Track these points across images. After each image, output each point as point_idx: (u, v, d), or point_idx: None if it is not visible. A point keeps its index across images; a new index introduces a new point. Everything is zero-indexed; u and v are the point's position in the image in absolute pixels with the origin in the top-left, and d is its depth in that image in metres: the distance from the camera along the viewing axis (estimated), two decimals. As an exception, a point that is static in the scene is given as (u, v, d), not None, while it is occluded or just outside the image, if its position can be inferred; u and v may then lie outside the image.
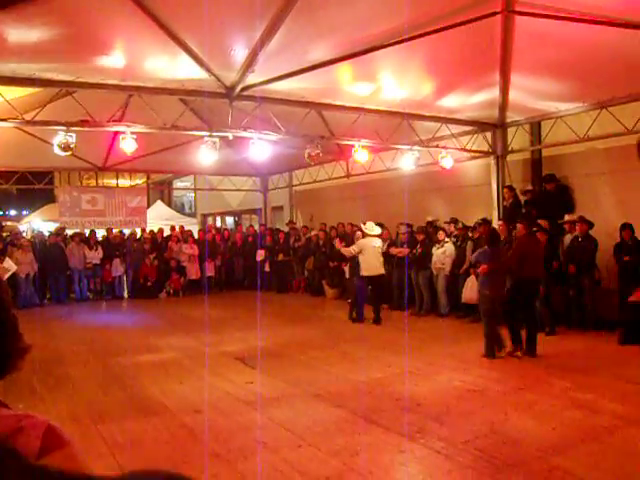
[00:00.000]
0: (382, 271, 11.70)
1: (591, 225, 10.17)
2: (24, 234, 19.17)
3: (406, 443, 5.16)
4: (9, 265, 9.29)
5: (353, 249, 11.61)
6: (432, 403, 6.37)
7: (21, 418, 0.82)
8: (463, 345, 9.37)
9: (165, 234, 18.82)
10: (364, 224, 11.96)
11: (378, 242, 11.71)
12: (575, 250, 10.25)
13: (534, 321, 8.82)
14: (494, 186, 12.48)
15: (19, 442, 0.79)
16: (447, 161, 12.63)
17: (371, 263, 11.49)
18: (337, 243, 12.87)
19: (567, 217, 10.78)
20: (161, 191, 29.82)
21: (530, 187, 12.08)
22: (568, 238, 10.66)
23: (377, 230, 11.78)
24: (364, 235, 11.64)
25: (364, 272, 11.49)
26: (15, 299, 14.78)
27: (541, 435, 5.30)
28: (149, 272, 17.18)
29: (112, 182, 22.09)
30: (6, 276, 9.44)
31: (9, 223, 25.25)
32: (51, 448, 0.81)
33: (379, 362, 8.39)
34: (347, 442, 5.21)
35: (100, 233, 18.04)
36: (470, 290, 11.20)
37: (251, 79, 9.48)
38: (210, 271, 17.96)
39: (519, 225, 9.13)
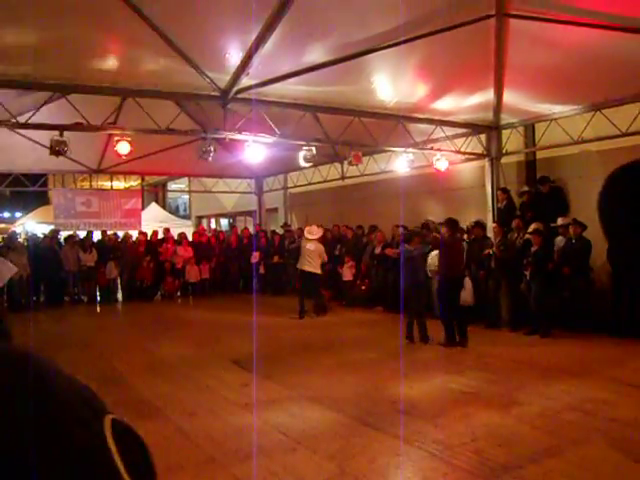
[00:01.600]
0: (310, 269, 12.85)
1: (584, 227, 10.20)
2: (19, 236, 19.08)
3: (402, 446, 5.16)
4: (8, 268, 9.18)
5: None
6: (427, 406, 6.38)
7: None
8: (458, 347, 9.37)
9: (159, 236, 18.77)
10: (304, 229, 13.71)
11: (312, 246, 12.91)
12: (569, 252, 10.27)
13: (461, 314, 9.68)
14: (488, 188, 12.50)
15: None
16: (442, 163, 12.66)
17: (302, 261, 12.95)
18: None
19: (560, 221, 10.82)
20: (155, 193, 29.75)
21: (526, 188, 12.11)
22: (560, 240, 10.69)
23: (314, 235, 13.08)
24: (305, 238, 13.21)
25: (298, 266, 13.18)
26: (9, 301, 14.74)
27: (536, 437, 5.30)
28: (145, 274, 17.14)
29: (106, 184, 22.04)
30: (6, 279, 9.35)
31: (2, 225, 25.14)
32: None
33: (374, 365, 8.39)
34: (343, 445, 5.21)
35: (95, 236, 17.99)
36: (465, 292, 11.22)
37: (246, 82, 9.49)
38: (205, 273, 17.93)
39: (443, 228, 9.98)
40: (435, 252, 12.22)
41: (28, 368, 0.56)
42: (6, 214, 40.33)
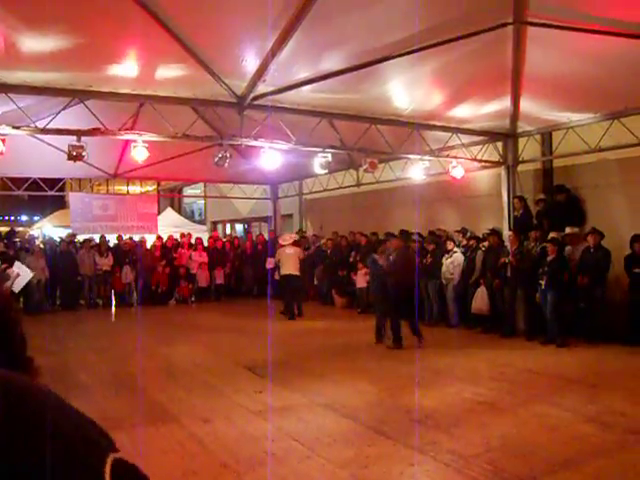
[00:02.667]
0: (294, 272, 13.88)
1: (602, 236, 10.12)
2: (37, 240, 19.24)
3: (416, 455, 5.13)
4: (24, 272, 9.21)
5: (277, 258, 14.44)
6: (442, 415, 6.34)
7: None
8: (473, 356, 9.33)
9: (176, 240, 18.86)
10: (280, 237, 15.38)
11: (291, 250, 13.99)
12: (588, 261, 10.17)
13: (414, 317, 10.25)
14: (504, 196, 12.43)
15: None
16: (457, 171, 12.61)
17: (285, 266, 13.94)
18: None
19: (568, 230, 10.75)
20: (171, 198, 29.91)
21: (542, 196, 12.04)
22: (568, 250, 10.61)
23: (288, 241, 14.35)
24: (281, 246, 14.35)
25: (282, 271, 14.15)
26: (26, 305, 14.87)
27: (551, 449, 5.25)
28: (161, 279, 17.24)
29: (123, 189, 22.19)
30: (23, 283, 9.38)
31: (21, 229, 25.38)
32: None
33: (389, 373, 8.36)
34: (356, 454, 5.19)
35: (111, 240, 18.12)
36: (480, 301, 11.18)
37: (262, 88, 9.51)
38: (219, 279, 17.98)
39: (394, 240, 10.92)
40: (449, 260, 12.23)
41: (28, 403, 0.56)
42: (24, 217, 40.76)
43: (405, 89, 10.39)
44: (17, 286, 9.02)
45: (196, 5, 7.29)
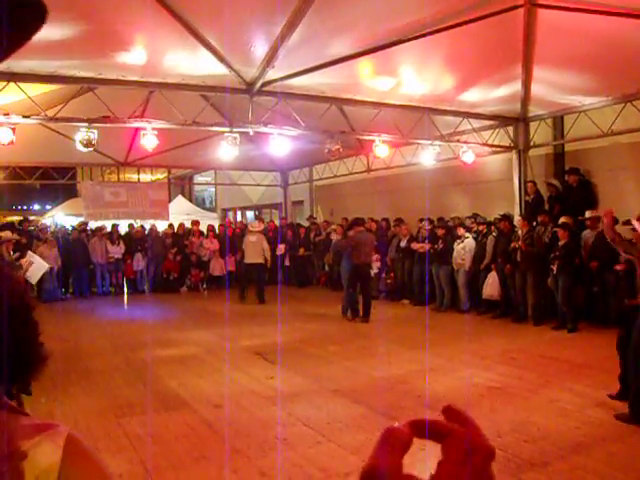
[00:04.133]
0: (258, 260, 14.30)
1: (616, 221, 10.01)
2: (49, 229, 19.36)
3: (427, 441, 5.12)
4: (39, 263, 9.21)
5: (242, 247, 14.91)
6: (453, 400, 6.29)
7: (42, 428, 0.82)
8: (484, 341, 9.32)
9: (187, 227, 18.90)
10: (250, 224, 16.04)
11: (254, 237, 14.42)
12: (599, 246, 10.09)
13: (368, 294, 11.68)
14: (516, 181, 12.35)
15: (40, 454, 0.78)
16: (468, 156, 12.54)
17: (248, 254, 14.42)
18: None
19: (588, 213, 10.64)
20: (182, 186, 29.95)
21: (554, 181, 11.95)
22: (587, 234, 10.53)
23: (256, 228, 14.97)
24: (249, 232, 14.94)
25: (245, 259, 14.64)
26: (39, 293, 14.99)
27: (563, 434, 5.24)
28: (172, 267, 17.30)
29: (133, 177, 22.25)
30: (39, 275, 9.41)
31: (33, 217, 25.52)
32: (72, 460, 0.81)
33: (399, 358, 8.37)
34: (367, 439, 5.20)
35: (122, 229, 18.20)
36: (491, 286, 11.15)
37: (271, 74, 9.48)
38: (230, 266, 18.01)
39: (355, 227, 11.90)
40: (461, 245, 12.19)
41: None
42: (36, 206, 41.00)
43: (415, 74, 10.31)
44: (33, 277, 9.06)
45: (204, -9, 7.26)
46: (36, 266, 9.04)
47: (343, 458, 4.81)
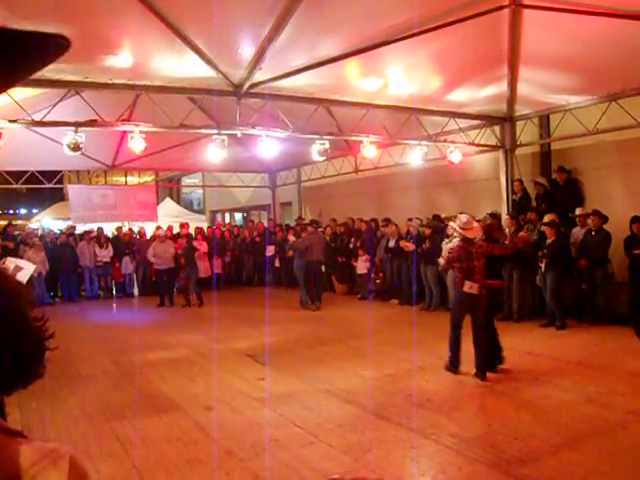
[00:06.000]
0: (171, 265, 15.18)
1: (605, 219, 10.11)
2: (36, 233, 19.23)
3: (417, 439, 5.17)
4: (27, 266, 9.15)
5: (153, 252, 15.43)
6: (443, 399, 6.38)
7: (43, 452, 0.82)
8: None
9: (174, 231, 18.81)
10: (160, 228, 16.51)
11: (164, 245, 15.24)
12: (588, 244, 10.19)
13: (320, 287, 13.79)
14: (503, 180, 12.42)
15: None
16: (455, 155, 12.60)
17: (163, 260, 15.17)
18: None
19: (578, 211, 10.73)
20: (170, 189, 29.86)
21: (541, 180, 12.04)
22: (577, 231, 10.62)
23: (162, 232, 15.77)
24: (157, 236, 15.46)
25: (160, 266, 15.31)
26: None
27: (553, 430, 5.29)
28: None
29: (121, 180, 22.16)
30: (27, 277, 9.34)
31: (20, 222, 25.36)
32: None
33: (389, 358, 8.40)
34: (359, 438, 5.23)
35: (110, 232, 18.13)
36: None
37: (259, 76, 9.47)
38: (217, 268, 17.91)
39: (309, 227, 14.44)
40: (449, 245, 12.21)
41: None
42: (23, 211, 40.74)
43: (402, 74, 10.34)
44: (22, 280, 8.97)
45: (190, -7, 7.25)
46: (24, 270, 8.96)
47: (335, 458, 4.83)
